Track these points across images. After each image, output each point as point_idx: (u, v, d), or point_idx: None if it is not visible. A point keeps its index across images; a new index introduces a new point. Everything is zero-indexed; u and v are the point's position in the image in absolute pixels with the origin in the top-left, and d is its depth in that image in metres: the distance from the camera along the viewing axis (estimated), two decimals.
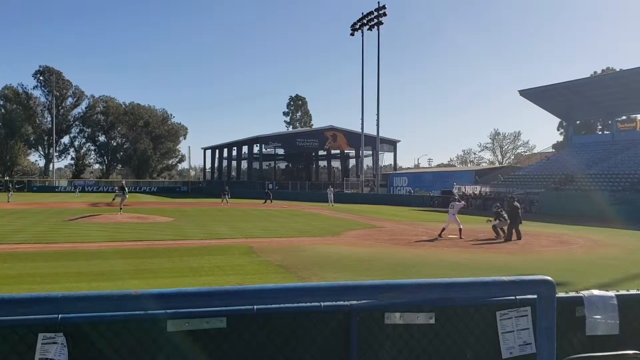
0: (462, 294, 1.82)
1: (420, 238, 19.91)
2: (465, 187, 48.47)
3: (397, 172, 75.60)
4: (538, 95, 49.02)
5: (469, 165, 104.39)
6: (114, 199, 31.58)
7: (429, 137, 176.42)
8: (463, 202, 20.46)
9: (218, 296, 1.33)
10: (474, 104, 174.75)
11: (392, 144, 76.78)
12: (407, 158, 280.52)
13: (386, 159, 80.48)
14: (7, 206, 37.76)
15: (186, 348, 2.43)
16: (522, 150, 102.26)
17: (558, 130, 77.45)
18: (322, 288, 1.43)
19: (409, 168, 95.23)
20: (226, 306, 2.28)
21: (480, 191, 46.49)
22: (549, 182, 42.18)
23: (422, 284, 1.51)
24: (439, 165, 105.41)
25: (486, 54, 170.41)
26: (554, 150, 65.88)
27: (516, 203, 20.26)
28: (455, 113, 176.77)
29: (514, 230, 19.29)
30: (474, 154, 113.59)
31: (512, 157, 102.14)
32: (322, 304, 2.52)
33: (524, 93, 49.29)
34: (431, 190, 54.54)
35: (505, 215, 19.86)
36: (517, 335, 2.72)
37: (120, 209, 29.37)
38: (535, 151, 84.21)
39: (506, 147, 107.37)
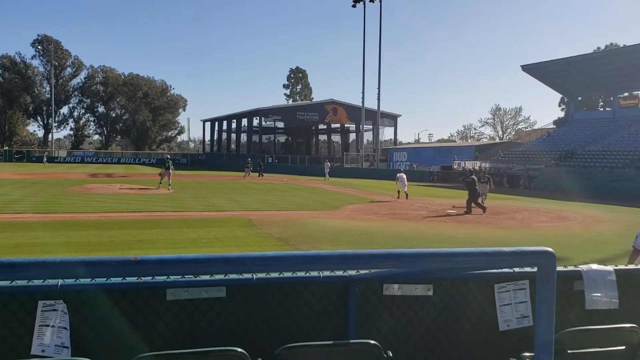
0: (463, 264, 1.80)
1: (419, 213, 19.96)
2: (465, 163, 48.42)
3: (397, 147, 75.42)
4: (540, 71, 48.59)
5: (469, 140, 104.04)
6: (161, 176, 28.45)
7: (430, 112, 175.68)
8: (472, 178, 20.73)
9: (217, 263, 1.32)
10: (475, 79, 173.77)
11: (392, 119, 76.39)
12: (408, 133, 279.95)
13: (387, 133, 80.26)
14: (6, 176, 37.75)
15: (184, 317, 2.43)
16: (523, 126, 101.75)
17: (559, 106, 76.93)
18: (321, 257, 1.41)
19: (409, 143, 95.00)
20: (226, 273, 2.28)
21: (480, 166, 46.49)
22: (549, 158, 42.09)
23: (422, 254, 1.49)
24: (439, 141, 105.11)
25: (489, 28, 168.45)
26: (554, 126, 65.59)
27: (473, 176, 21.07)
28: (457, 88, 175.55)
29: (473, 204, 20.09)
30: (475, 129, 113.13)
31: (513, 133, 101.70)
32: (321, 274, 2.51)
33: (527, 68, 48.85)
34: (431, 166, 54.50)
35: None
36: (515, 308, 2.72)
37: (169, 184, 27.60)
38: (536, 127, 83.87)
39: (507, 122, 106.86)
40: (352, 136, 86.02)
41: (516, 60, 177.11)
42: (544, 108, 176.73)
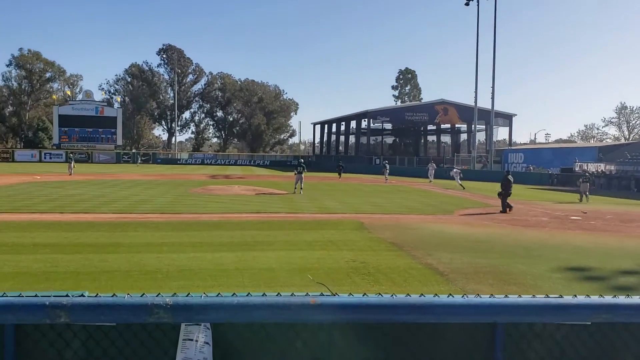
0: None
1: (540, 219, 18.81)
2: (587, 165, 44.95)
3: (512, 147, 71.79)
4: None
5: (592, 141, 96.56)
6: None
7: (547, 111, 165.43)
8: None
9: (403, 310, 1.26)
10: (597, 74, 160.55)
11: (507, 118, 72.87)
12: (523, 133, 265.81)
13: (500, 133, 76.68)
14: (135, 177, 41.18)
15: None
16: None
17: None
18: (513, 305, 1.29)
19: (524, 144, 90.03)
20: (411, 321, 2.13)
21: (604, 169, 42.91)
22: None
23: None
24: (557, 141, 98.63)
25: (611, 18, 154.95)
26: None
27: (510, 177, 21.86)
28: (577, 85, 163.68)
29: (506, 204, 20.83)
30: (597, 129, 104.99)
31: None
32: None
33: None
34: (550, 168, 51.21)
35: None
36: None
37: (300, 188, 27.80)
38: None
39: (634, 122, 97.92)
40: (463, 137, 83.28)
41: None
42: None
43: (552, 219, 18.84)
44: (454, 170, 42.89)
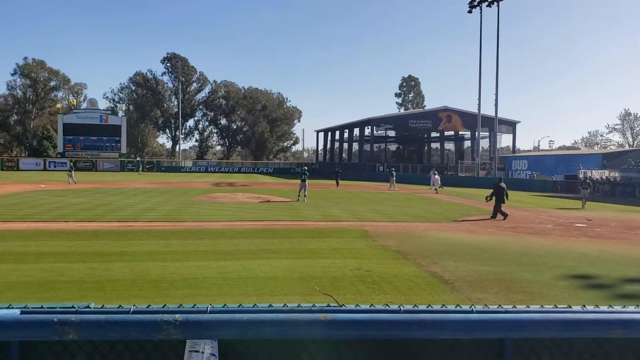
0: None
1: (545, 226, 18.74)
2: (591, 172, 44.80)
3: (516, 154, 71.67)
4: None
5: (596, 148, 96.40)
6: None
7: (550, 118, 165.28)
8: None
9: (415, 326, 1.24)
10: (601, 81, 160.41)
11: (511, 125, 72.78)
12: (526, 140, 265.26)
13: (504, 140, 76.61)
14: (139, 185, 41.26)
15: None
16: None
17: None
18: (529, 322, 1.26)
19: (528, 150, 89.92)
20: (425, 338, 2.06)
21: (608, 176, 42.77)
22: None
23: None
24: (560, 148, 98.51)
25: (615, 24, 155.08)
26: None
27: (502, 184, 21.84)
28: (580, 92, 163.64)
29: (498, 211, 20.94)
30: (601, 135, 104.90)
31: None
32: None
33: None
34: (554, 175, 51.09)
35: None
36: None
37: (304, 196, 27.98)
38: None
39: (638, 128, 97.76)
40: (467, 144, 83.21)
41: None
42: None
43: (557, 226, 18.77)
44: (434, 174, 42.39)
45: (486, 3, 54.80)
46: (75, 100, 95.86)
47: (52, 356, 2.25)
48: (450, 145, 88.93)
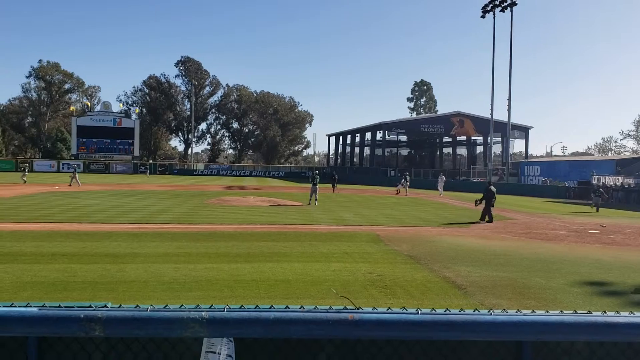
0: None
1: (558, 233, 18.57)
2: (605, 178, 44.34)
3: (528, 160, 71.16)
4: None
5: (609, 154, 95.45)
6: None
7: (564, 123, 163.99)
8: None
9: (442, 327, 1.22)
10: (615, 87, 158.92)
11: (523, 131, 72.31)
12: (539, 146, 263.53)
13: (516, 146, 76.17)
14: (151, 187, 41.49)
15: None
16: None
17: None
18: (559, 323, 1.25)
19: (540, 156, 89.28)
20: (450, 339, 2.08)
21: (622, 182, 42.30)
22: None
23: None
24: (574, 154, 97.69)
25: (629, 30, 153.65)
26: None
27: (492, 188, 22.32)
28: (594, 97, 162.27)
29: (486, 214, 21.26)
30: (615, 142, 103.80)
31: None
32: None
33: None
34: (566, 181, 50.64)
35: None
36: None
37: (315, 199, 27.91)
38: None
39: None
40: (479, 149, 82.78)
41: None
42: None
43: (570, 233, 18.59)
44: (440, 178, 43.07)
45: (499, 8, 54.61)
46: (89, 103, 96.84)
47: (70, 354, 2.26)
48: (462, 150, 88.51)
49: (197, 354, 2.23)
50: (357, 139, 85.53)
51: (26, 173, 43.27)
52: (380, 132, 74.85)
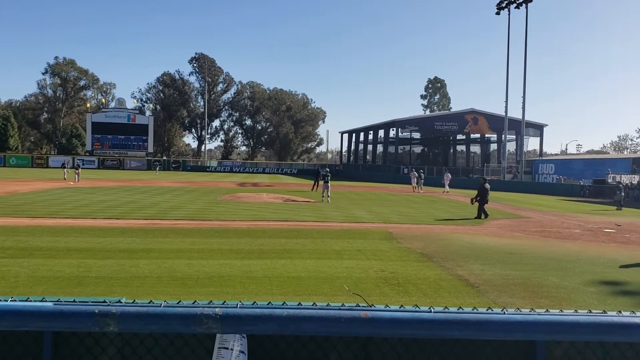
0: None
1: (572, 231, 18.39)
2: (620, 177, 43.79)
3: (542, 158, 70.52)
4: None
5: (625, 152, 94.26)
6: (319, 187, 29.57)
7: (579, 121, 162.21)
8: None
9: (457, 325, 1.22)
10: (631, 84, 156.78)
11: (538, 128, 71.67)
12: (553, 144, 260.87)
13: (531, 144, 75.45)
14: (165, 184, 41.77)
15: None
16: None
17: None
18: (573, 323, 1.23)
19: (555, 154, 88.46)
20: (465, 337, 2.04)
21: (638, 181, 41.77)
22: None
23: None
24: (589, 152, 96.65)
25: None
26: None
27: (487, 185, 22.44)
28: (610, 95, 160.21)
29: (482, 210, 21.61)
30: (631, 140, 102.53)
31: None
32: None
33: None
34: (581, 179, 50.09)
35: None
36: None
37: (328, 196, 27.96)
38: None
39: None
40: (493, 147, 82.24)
41: None
42: None
43: (585, 231, 18.39)
44: (446, 176, 43.00)
45: (514, 4, 54.11)
46: (104, 100, 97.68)
47: (83, 349, 2.28)
48: (476, 148, 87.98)
49: (210, 349, 2.24)
50: (370, 136, 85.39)
51: (70, 170, 44.72)
52: (393, 129, 74.65)
